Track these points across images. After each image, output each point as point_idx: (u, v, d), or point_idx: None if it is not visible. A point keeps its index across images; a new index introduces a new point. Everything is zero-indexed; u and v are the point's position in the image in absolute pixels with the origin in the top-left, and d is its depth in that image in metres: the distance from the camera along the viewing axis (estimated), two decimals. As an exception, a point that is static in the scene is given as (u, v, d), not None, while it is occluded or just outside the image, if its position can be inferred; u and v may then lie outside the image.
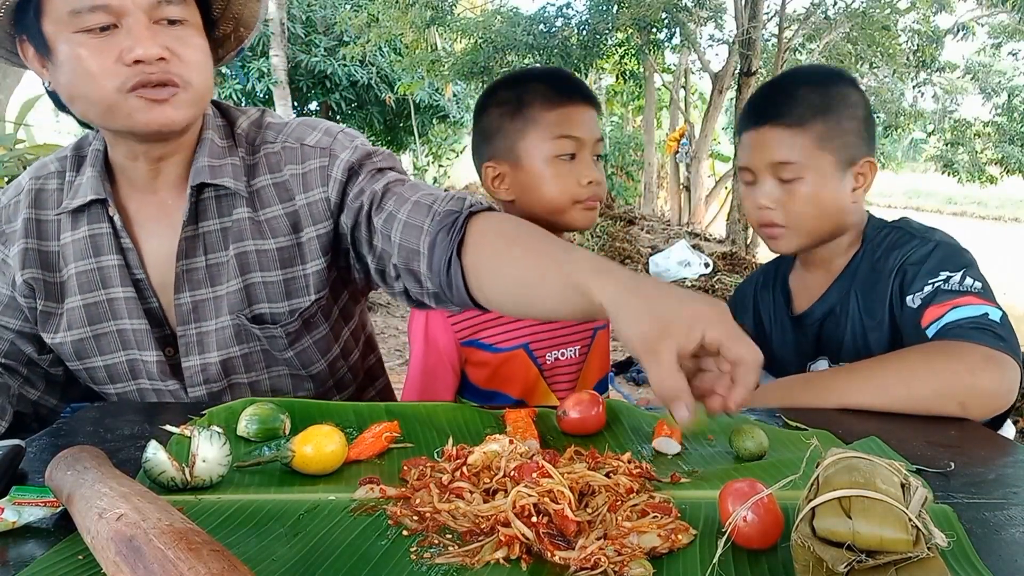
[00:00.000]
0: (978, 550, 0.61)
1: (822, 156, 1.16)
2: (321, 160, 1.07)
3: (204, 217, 1.07)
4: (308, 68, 10.76)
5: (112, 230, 1.07)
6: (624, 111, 16.53)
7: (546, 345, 1.30)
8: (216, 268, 1.08)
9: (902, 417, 0.95)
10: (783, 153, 1.16)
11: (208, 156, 1.06)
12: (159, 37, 0.94)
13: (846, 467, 0.56)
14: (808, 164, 1.15)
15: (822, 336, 1.25)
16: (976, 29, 9.65)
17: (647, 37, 8.59)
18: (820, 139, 1.15)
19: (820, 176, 1.16)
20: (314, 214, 1.06)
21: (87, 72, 0.93)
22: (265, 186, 1.08)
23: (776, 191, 1.18)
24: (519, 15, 8.93)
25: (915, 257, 1.13)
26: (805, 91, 1.18)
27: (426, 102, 12.01)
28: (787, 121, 1.16)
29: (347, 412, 0.91)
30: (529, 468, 0.67)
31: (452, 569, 0.58)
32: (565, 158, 1.20)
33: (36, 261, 1.09)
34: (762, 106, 1.21)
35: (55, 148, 4.78)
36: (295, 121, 1.13)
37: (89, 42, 0.92)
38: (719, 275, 6.64)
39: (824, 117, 1.16)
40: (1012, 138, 9.62)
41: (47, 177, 1.11)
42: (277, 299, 1.08)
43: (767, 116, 1.18)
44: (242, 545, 0.61)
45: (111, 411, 0.96)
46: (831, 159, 1.16)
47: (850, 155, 1.17)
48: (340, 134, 1.10)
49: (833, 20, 7.73)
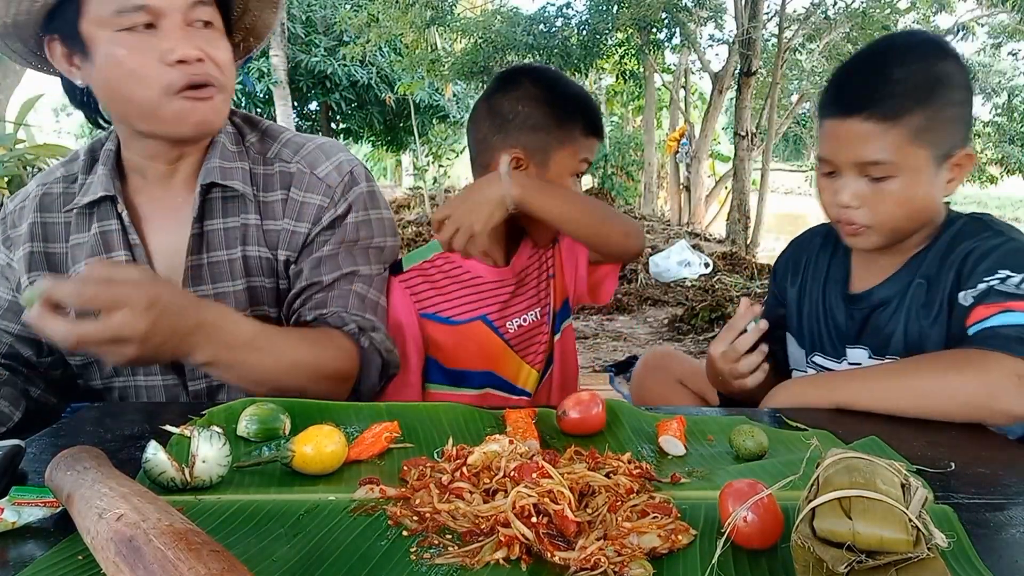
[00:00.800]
0: (978, 550, 0.61)
1: (918, 152, 1.01)
2: (322, 199, 1.12)
3: (210, 216, 1.10)
4: (308, 68, 10.77)
5: (121, 227, 1.09)
6: (624, 111, 16.53)
7: (503, 314, 1.30)
8: (218, 266, 1.11)
9: (902, 417, 0.95)
10: (873, 151, 1.02)
11: (220, 158, 1.09)
12: (194, 39, 0.97)
13: (846, 467, 0.56)
14: (901, 162, 1.01)
15: (870, 322, 1.15)
16: (976, 29, 9.65)
17: (647, 37, 8.59)
18: (917, 132, 1.01)
19: (914, 174, 1.02)
20: (290, 244, 1.12)
21: (130, 72, 0.96)
22: (276, 201, 1.12)
23: (862, 189, 1.05)
24: (519, 15, 8.93)
25: (978, 250, 1.02)
26: (902, 74, 1.02)
27: (426, 102, 12.02)
28: (880, 113, 1.01)
29: (347, 412, 0.91)
30: (529, 468, 0.67)
31: (452, 569, 0.58)
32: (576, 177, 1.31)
33: (43, 264, 1.11)
34: (851, 91, 1.06)
35: (55, 148, 4.79)
36: (312, 143, 1.17)
37: (129, 41, 0.95)
38: (719, 275, 6.63)
39: (923, 107, 1.00)
40: (1012, 138, 9.62)
41: (53, 182, 1.14)
42: (272, 304, 1.14)
43: (856, 106, 1.03)
44: (242, 545, 0.61)
45: (111, 411, 0.96)
46: (927, 154, 1.02)
47: (949, 147, 1.03)
48: (347, 176, 1.14)
49: (833, 20, 7.73)
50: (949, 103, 1.03)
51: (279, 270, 1.14)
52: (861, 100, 1.03)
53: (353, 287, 1.13)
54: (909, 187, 1.03)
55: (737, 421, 0.89)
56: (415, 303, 1.26)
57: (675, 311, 5.35)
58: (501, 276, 1.29)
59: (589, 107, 1.32)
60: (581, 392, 0.90)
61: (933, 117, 1.01)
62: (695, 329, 4.92)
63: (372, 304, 1.14)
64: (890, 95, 1.01)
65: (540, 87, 1.28)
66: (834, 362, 1.21)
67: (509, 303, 1.31)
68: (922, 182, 1.04)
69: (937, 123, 1.02)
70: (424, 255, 1.31)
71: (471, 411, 0.92)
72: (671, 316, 5.22)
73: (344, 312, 1.10)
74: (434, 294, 1.28)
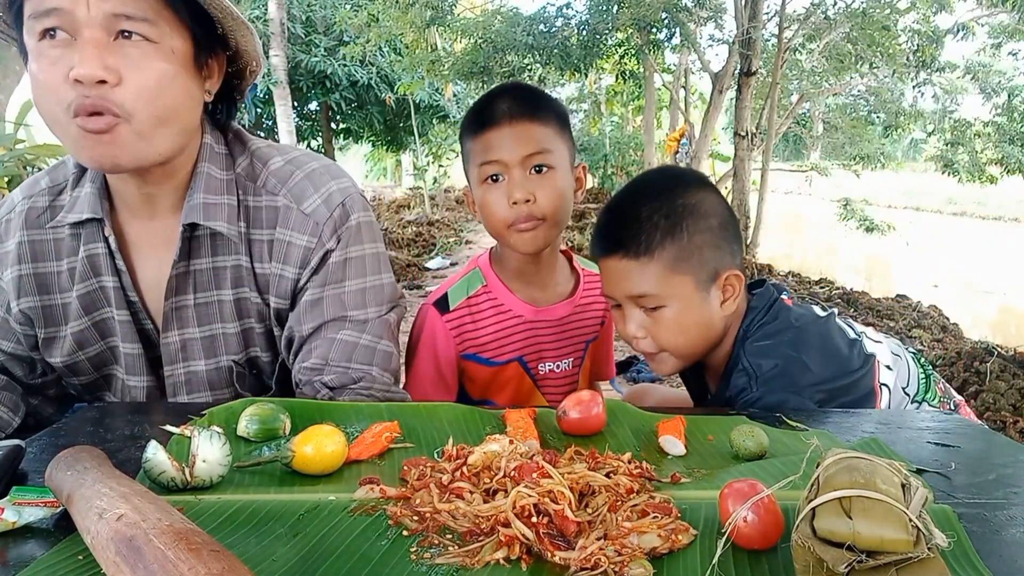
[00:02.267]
0: (978, 550, 0.61)
1: (680, 279, 1.07)
2: (308, 240, 1.03)
3: (196, 255, 1.02)
4: (308, 68, 10.76)
5: (108, 251, 1.02)
6: (624, 111, 16.53)
7: (539, 357, 1.32)
8: (205, 308, 1.04)
9: (902, 417, 0.95)
10: (636, 285, 1.08)
11: (204, 192, 0.99)
12: (110, 57, 0.84)
13: (846, 467, 0.56)
14: (666, 292, 1.07)
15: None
16: (976, 29, 9.64)
17: (647, 37, 8.58)
18: (673, 263, 1.07)
19: (682, 300, 1.08)
20: (279, 288, 1.05)
21: (40, 84, 0.86)
22: (260, 240, 1.04)
23: (642, 319, 1.11)
24: (519, 15, 8.92)
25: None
26: (649, 212, 1.07)
27: (426, 102, 12.02)
28: (633, 252, 1.07)
29: (347, 412, 0.91)
30: (529, 468, 0.67)
31: (452, 569, 0.58)
32: (491, 181, 1.20)
33: (32, 288, 1.04)
34: (609, 233, 1.12)
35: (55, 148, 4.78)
36: (300, 172, 1.06)
37: (46, 52, 0.85)
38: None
39: (673, 240, 1.06)
40: (1012, 138, 9.60)
41: (37, 195, 1.06)
42: (265, 348, 1.09)
43: (613, 246, 1.10)
44: (242, 545, 0.61)
45: (111, 411, 0.96)
46: (690, 280, 1.08)
47: (710, 271, 1.09)
48: (338, 210, 1.04)
49: (833, 20, 7.73)
50: (700, 230, 1.08)
51: (270, 317, 1.06)
52: (616, 241, 1.10)
53: (339, 335, 1.03)
54: (682, 313, 1.09)
55: (737, 421, 0.89)
56: (458, 344, 1.27)
57: (675, 311, 5.34)
58: (540, 317, 1.30)
59: (479, 104, 1.23)
60: (581, 392, 0.90)
61: (686, 247, 1.07)
62: (695, 329, 4.91)
63: (367, 351, 1.04)
64: (640, 233, 1.07)
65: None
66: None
67: (545, 346, 1.32)
68: (693, 307, 1.09)
69: (692, 251, 1.07)
70: (470, 287, 1.30)
71: (471, 411, 0.92)
72: (671, 316, 5.21)
73: (324, 364, 1.02)
74: (479, 334, 1.28)
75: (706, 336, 1.13)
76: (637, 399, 1.60)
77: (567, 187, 1.22)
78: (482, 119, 1.20)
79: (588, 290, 1.36)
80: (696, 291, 1.08)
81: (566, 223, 1.25)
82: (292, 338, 1.06)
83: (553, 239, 1.24)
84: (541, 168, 1.18)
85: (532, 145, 1.17)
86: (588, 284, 1.36)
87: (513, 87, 1.24)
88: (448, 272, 7.43)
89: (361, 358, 1.04)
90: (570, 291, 1.35)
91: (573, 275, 1.38)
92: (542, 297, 1.32)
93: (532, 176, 1.18)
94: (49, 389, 1.13)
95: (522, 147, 1.17)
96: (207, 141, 1.02)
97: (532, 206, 1.17)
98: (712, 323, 1.12)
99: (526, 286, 1.31)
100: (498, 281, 1.30)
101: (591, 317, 1.37)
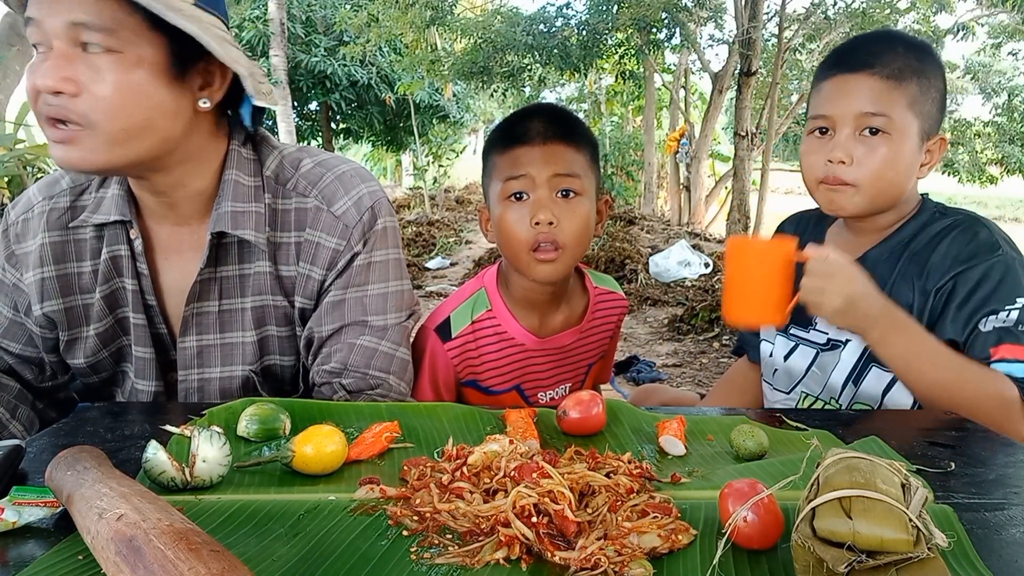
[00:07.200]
0: (978, 550, 0.61)
1: (911, 119, 1.10)
2: (337, 242, 1.03)
3: (224, 262, 1.02)
4: (308, 68, 10.75)
5: (131, 253, 1.02)
6: (624, 111, 16.51)
7: (538, 386, 1.30)
8: (228, 315, 1.04)
9: (902, 417, 0.95)
10: (877, 104, 1.09)
11: (232, 200, 0.99)
12: (70, 67, 0.84)
13: (846, 467, 0.56)
14: (897, 122, 1.08)
15: None
16: (976, 29, 9.64)
17: (647, 37, 8.58)
18: (912, 101, 1.09)
19: (903, 139, 1.09)
20: (306, 289, 1.04)
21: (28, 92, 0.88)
22: (287, 243, 1.03)
23: (855, 146, 1.10)
24: (519, 15, 8.91)
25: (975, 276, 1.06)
26: (904, 49, 1.11)
27: (426, 102, 12.01)
28: (885, 73, 1.09)
29: (347, 412, 0.91)
30: (529, 468, 0.67)
31: (452, 569, 0.58)
32: (514, 199, 1.15)
33: (55, 291, 1.03)
34: (858, 53, 1.13)
35: (55, 148, 4.73)
36: (331, 174, 1.05)
37: (36, 61, 0.87)
38: (719, 275, 6.63)
39: (919, 79, 1.10)
40: (1012, 138, 9.61)
41: (59, 195, 1.06)
42: (287, 353, 1.08)
43: (863, 64, 1.10)
44: (242, 545, 0.61)
45: (111, 411, 0.96)
46: (916, 124, 1.10)
47: (930, 126, 1.12)
48: (367, 213, 1.04)
49: (833, 20, 7.72)
50: (935, 87, 1.12)
51: (295, 318, 1.06)
52: (869, 59, 1.11)
53: (359, 340, 1.04)
54: (897, 151, 1.10)
55: (737, 421, 0.89)
56: (458, 371, 1.23)
57: (675, 311, 5.35)
58: (542, 346, 1.26)
59: (509, 120, 1.21)
60: (581, 392, 0.90)
61: (925, 92, 1.10)
62: (695, 329, 4.91)
63: (385, 358, 1.05)
64: (895, 60, 1.10)
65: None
66: (802, 331, 1.26)
67: (544, 375, 1.29)
68: (907, 151, 1.10)
69: (927, 98, 1.11)
70: (473, 313, 1.24)
71: (471, 411, 0.92)
72: (671, 316, 5.22)
73: (343, 368, 1.03)
74: (479, 362, 1.24)
75: (899, 188, 1.13)
76: (643, 400, 1.60)
77: (590, 218, 1.18)
78: (513, 135, 1.16)
79: (597, 311, 1.31)
80: (916, 137, 1.11)
81: (584, 255, 1.20)
82: (312, 338, 1.06)
83: (571, 270, 1.21)
84: (568, 193, 1.14)
85: (563, 166, 1.13)
86: (598, 304, 1.31)
87: (549, 107, 1.21)
88: (448, 272, 7.43)
89: (380, 365, 1.05)
90: (579, 315, 1.30)
91: (584, 296, 1.31)
92: (548, 323, 1.27)
93: (559, 200, 1.14)
94: (57, 393, 1.13)
95: (552, 166, 1.13)
96: (234, 147, 1.01)
97: (555, 229, 1.12)
98: (910, 177, 1.13)
99: (532, 312, 1.26)
100: (503, 307, 1.25)
101: (596, 341, 1.33)
